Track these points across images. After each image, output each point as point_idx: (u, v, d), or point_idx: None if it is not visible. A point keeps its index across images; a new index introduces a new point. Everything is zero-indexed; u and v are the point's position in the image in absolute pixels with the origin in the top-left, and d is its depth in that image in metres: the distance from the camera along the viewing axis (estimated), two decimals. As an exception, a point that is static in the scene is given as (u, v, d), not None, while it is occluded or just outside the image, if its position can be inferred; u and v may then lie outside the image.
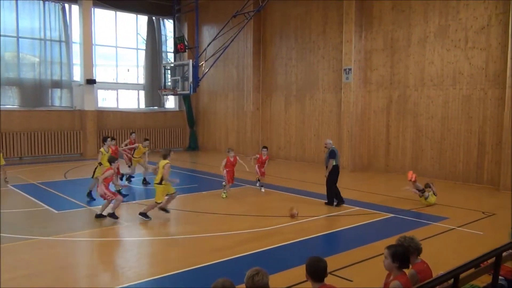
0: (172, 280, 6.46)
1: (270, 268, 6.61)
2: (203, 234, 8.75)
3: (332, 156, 11.07)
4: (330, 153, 11.08)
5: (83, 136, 22.03)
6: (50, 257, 7.45)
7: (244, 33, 20.80)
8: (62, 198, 11.70)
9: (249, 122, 21.89)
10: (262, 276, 3.67)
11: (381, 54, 16.74)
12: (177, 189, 14.02)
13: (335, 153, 11.13)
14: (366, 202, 11.52)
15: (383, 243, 7.91)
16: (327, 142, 11.44)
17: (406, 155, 16.24)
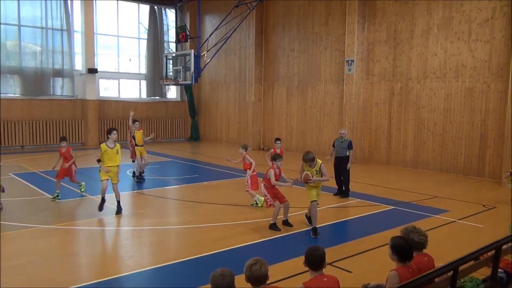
0: (172, 270, 6.50)
1: (271, 258, 6.63)
2: (203, 224, 8.78)
3: (352, 147, 11.24)
4: (350, 144, 11.19)
5: (84, 125, 22.04)
6: (50, 246, 7.49)
7: (246, 23, 20.70)
8: (63, 187, 11.70)
9: (251, 113, 21.86)
10: (260, 266, 3.69)
11: (384, 46, 16.64)
12: (177, 179, 14.12)
13: (352, 144, 11.35)
14: (367, 194, 11.53)
15: (382, 235, 7.96)
16: (344, 132, 11.40)
17: (407, 148, 16.22)
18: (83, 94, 21.97)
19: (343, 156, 11.22)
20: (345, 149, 11.19)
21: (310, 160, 8.14)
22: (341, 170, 11.25)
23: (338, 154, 11.31)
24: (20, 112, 20.44)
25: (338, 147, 11.31)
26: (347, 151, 11.19)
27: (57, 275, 6.18)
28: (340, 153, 11.28)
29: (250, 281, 3.70)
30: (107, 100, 23.10)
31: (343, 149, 11.22)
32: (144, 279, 6.24)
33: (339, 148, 11.29)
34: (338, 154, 11.32)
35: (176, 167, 16.74)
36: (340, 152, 11.27)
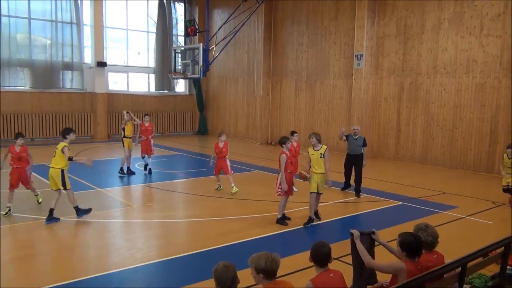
0: (180, 263, 6.53)
1: (278, 252, 6.65)
2: (211, 218, 8.82)
3: (366, 144, 11.02)
4: (365, 141, 10.98)
5: (93, 118, 22.15)
6: (59, 237, 7.56)
7: (255, 17, 20.64)
8: (72, 180, 11.78)
9: (259, 107, 21.83)
10: (276, 260, 3.68)
11: (393, 41, 16.51)
12: (185, 173, 14.17)
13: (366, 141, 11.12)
14: (375, 190, 11.48)
15: (390, 231, 7.92)
16: (357, 128, 11.14)
17: (416, 143, 16.12)
18: (92, 87, 22.07)
19: (358, 154, 10.89)
20: (360, 147, 10.88)
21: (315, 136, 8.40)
22: (356, 169, 10.93)
23: (352, 151, 10.99)
24: (30, 105, 20.58)
25: (352, 145, 10.98)
26: (362, 149, 10.89)
27: (65, 266, 6.24)
28: (354, 151, 10.95)
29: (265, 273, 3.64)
30: (116, 93, 23.18)
31: (358, 147, 10.90)
32: (152, 272, 6.28)
33: (353, 145, 10.96)
34: (352, 152, 11.01)
35: (184, 161, 16.79)
36: (355, 149, 10.95)
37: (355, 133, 10.99)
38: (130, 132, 13.12)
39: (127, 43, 23.87)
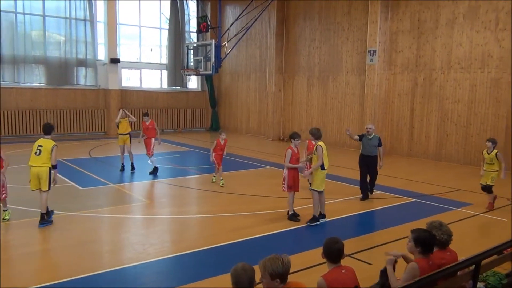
0: (192, 258, 6.58)
1: (290, 249, 6.67)
2: (222, 214, 8.85)
3: (381, 143, 10.29)
4: (380, 141, 10.23)
5: (107, 114, 22.34)
6: (73, 232, 7.66)
7: (267, 13, 20.59)
8: (87, 175, 11.96)
9: (271, 104, 21.80)
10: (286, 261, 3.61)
11: (407, 36, 16.34)
12: (197, 169, 14.23)
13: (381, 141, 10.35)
14: (388, 186, 11.41)
15: (403, 228, 7.89)
16: (371, 127, 10.24)
17: (430, 140, 15.97)
18: (105, 83, 22.26)
19: (373, 155, 10.15)
20: (375, 147, 10.12)
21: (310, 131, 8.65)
22: (370, 169, 10.24)
23: (367, 152, 10.18)
24: (45, 101, 20.83)
25: (367, 145, 10.19)
26: (377, 149, 10.17)
27: (79, 261, 6.32)
28: (369, 152, 10.16)
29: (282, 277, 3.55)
30: (129, 89, 23.35)
31: (373, 147, 10.13)
32: (165, 267, 6.34)
33: (368, 146, 10.17)
34: (366, 153, 10.20)
35: (196, 157, 16.86)
36: (369, 150, 10.16)
37: (368, 132, 10.17)
38: (124, 129, 13.00)
39: (140, 39, 24.00)
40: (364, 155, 10.25)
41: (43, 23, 20.59)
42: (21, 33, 19.85)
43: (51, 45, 21.01)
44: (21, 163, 9.35)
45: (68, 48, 21.13)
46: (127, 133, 13.00)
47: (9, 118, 19.56)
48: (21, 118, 20.07)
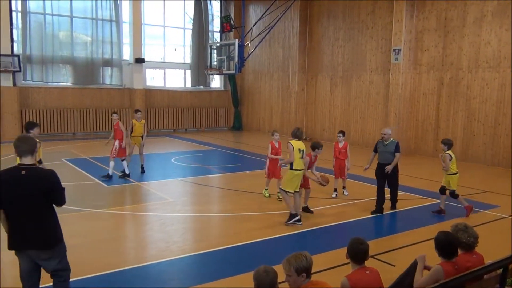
0: (214, 256, 6.62)
1: (312, 249, 6.64)
2: (245, 213, 8.87)
3: (399, 149, 8.97)
4: (398, 146, 8.95)
5: (131, 114, 22.64)
6: (99, 229, 7.81)
7: (290, 12, 20.52)
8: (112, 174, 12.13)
9: (294, 103, 21.75)
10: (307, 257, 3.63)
11: (433, 34, 16.05)
12: (220, 168, 14.31)
13: (399, 147, 9.04)
14: (412, 187, 11.24)
15: (428, 229, 7.76)
16: (386, 132, 9.04)
17: (456, 140, 15.60)
18: (130, 83, 22.59)
19: (391, 163, 8.91)
20: (392, 154, 8.91)
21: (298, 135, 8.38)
22: (389, 180, 9.06)
23: (383, 160, 8.99)
24: (71, 101, 21.29)
25: (383, 152, 9.00)
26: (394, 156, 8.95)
27: (103, 257, 6.44)
28: (386, 159, 8.95)
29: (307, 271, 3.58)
30: (153, 89, 23.64)
31: (389, 154, 8.91)
32: (187, 264, 6.40)
33: (384, 153, 8.98)
34: (383, 161, 9.00)
35: (219, 156, 16.96)
36: (385, 157, 8.95)
37: (383, 138, 9.00)
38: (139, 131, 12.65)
39: (164, 39, 24.27)
40: (380, 164, 9.02)
41: (71, 23, 21.03)
42: (49, 33, 20.34)
43: (78, 45, 21.45)
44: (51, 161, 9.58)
45: (95, 48, 21.53)
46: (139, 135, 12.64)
47: (37, 117, 20.05)
48: (49, 117, 20.56)
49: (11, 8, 19.22)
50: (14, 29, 19.62)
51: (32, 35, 19.97)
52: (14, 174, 4.10)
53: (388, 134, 9.00)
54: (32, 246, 4.20)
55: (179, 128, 24.29)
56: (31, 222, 4.13)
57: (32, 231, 4.15)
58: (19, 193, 4.05)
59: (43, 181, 4.16)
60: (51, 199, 4.22)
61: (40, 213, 4.17)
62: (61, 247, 4.40)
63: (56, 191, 4.25)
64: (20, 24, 19.69)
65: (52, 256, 4.29)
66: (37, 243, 4.19)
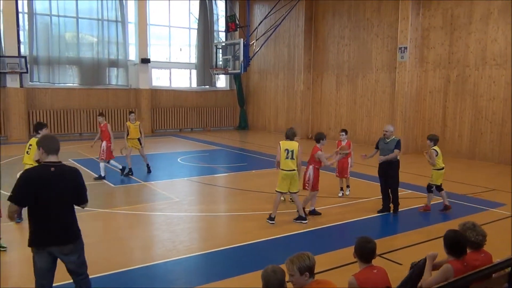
0: (221, 256, 6.64)
1: (317, 248, 6.64)
2: (251, 212, 8.88)
3: (399, 147, 8.71)
4: (399, 144, 8.71)
5: (138, 114, 22.70)
6: (105, 229, 7.84)
7: (295, 11, 20.50)
8: (118, 173, 12.19)
9: (299, 102, 21.72)
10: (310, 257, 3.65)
11: (439, 32, 15.96)
12: (226, 167, 14.33)
13: (400, 145, 8.82)
14: (419, 186, 11.18)
15: (435, 228, 7.73)
16: (388, 129, 8.82)
17: (463, 138, 15.56)
18: (136, 83, 22.66)
19: (392, 162, 8.76)
20: (392, 152, 8.71)
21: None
22: (388, 179, 8.86)
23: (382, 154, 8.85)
24: (78, 101, 21.39)
25: (383, 150, 8.82)
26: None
27: (111, 257, 6.47)
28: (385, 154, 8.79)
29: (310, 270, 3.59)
30: (159, 89, 23.70)
31: (390, 152, 8.71)
32: (194, 264, 6.42)
33: (385, 151, 8.78)
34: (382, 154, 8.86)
35: (225, 156, 16.98)
36: (386, 155, 8.78)
37: (385, 135, 8.82)
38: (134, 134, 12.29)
39: (169, 39, 24.32)
40: (381, 163, 8.85)
41: (77, 24, 21.12)
42: (55, 35, 20.44)
43: (84, 46, 21.54)
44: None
45: (100, 49, 21.61)
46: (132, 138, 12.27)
47: (44, 118, 20.16)
48: (55, 118, 20.68)
49: (17, 9, 19.33)
50: (21, 30, 19.73)
51: (38, 37, 20.08)
52: (44, 171, 4.27)
53: (390, 131, 8.83)
54: (56, 242, 4.33)
55: (185, 128, 24.35)
56: (57, 218, 4.29)
57: (57, 226, 4.30)
58: (49, 189, 4.21)
59: (71, 178, 4.39)
60: (76, 196, 4.41)
61: (65, 209, 4.36)
62: (81, 242, 4.56)
63: (81, 189, 4.47)
64: (27, 25, 19.80)
65: (73, 250, 4.43)
66: (61, 239, 4.34)
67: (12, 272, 6.15)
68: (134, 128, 12.22)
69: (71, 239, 4.42)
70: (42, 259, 4.35)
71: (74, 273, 4.55)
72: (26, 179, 4.23)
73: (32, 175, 4.29)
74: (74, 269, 4.50)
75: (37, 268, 4.38)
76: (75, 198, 4.43)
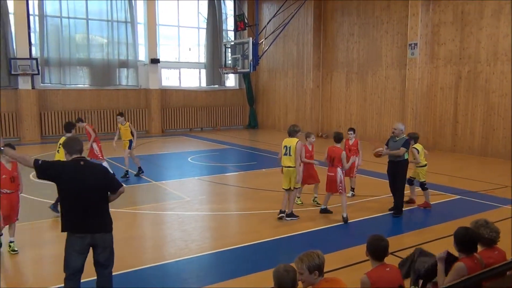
0: (233, 254, 6.66)
1: (327, 246, 6.63)
2: (262, 211, 8.89)
3: (406, 146, 8.41)
4: (406, 143, 8.42)
5: (148, 114, 22.88)
6: (117, 228, 7.81)
7: (304, 9, 20.45)
8: (129, 173, 12.27)
9: (309, 100, 21.67)
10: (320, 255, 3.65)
11: (450, 28, 15.82)
12: (236, 166, 14.36)
13: (409, 144, 8.56)
14: (430, 183, 11.06)
15: (447, 225, 7.67)
16: (397, 128, 8.53)
17: (475, 135, 15.41)
18: (146, 83, 22.79)
19: (398, 162, 8.44)
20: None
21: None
22: (396, 178, 8.58)
23: (391, 157, 8.60)
24: (89, 102, 21.57)
25: (392, 149, 8.52)
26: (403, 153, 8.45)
27: (124, 256, 6.51)
28: (393, 156, 8.53)
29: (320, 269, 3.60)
30: (169, 89, 23.80)
31: (394, 148, 8.49)
32: (206, 262, 6.45)
33: (394, 149, 8.49)
34: (391, 158, 8.62)
35: (235, 154, 17.01)
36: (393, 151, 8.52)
37: (394, 133, 8.56)
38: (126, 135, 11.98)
39: (178, 39, 24.40)
40: (389, 161, 8.64)
41: (87, 26, 21.29)
42: (66, 36, 20.63)
43: (94, 47, 21.70)
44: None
45: (110, 50, 21.76)
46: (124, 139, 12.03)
47: (56, 119, 20.38)
48: (67, 119, 20.82)
49: (28, 12, 19.53)
50: (32, 32, 19.94)
51: (49, 38, 20.27)
52: (75, 165, 4.54)
53: (399, 129, 8.51)
54: (89, 230, 4.50)
55: (195, 127, 24.43)
56: (90, 208, 4.49)
57: (90, 216, 4.50)
58: (81, 181, 4.44)
59: (99, 170, 4.70)
60: (109, 184, 4.67)
61: (98, 199, 4.57)
62: (111, 235, 4.73)
63: (111, 177, 4.80)
64: (38, 27, 20.01)
65: (106, 240, 4.62)
66: (93, 227, 4.53)
67: (24, 272, 6.24)
68: (124, 130, 12.00)
69: (102, 228, 4.61)
70: (75, 244, 4.49)
71: (100, 266, 4.67)
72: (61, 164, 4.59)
73: (65, 168, 4.52)
74: (101, 260, 4.63)
75: (69, 263, 4.51)
76: (109, 187, 4.66)
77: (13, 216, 6.61)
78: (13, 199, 6.58)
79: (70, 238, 4.53)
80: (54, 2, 20.21)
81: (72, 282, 4.55)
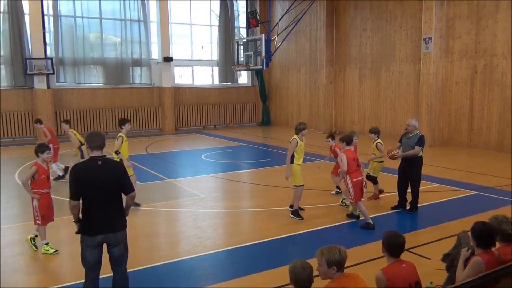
0: (247, 251, 6.68)
1: (344, 243, 6.59)
2: (275, 208, 8.89)
3: (421, 143, 8.22)
4: (420, 140, 8.22)
5: (161, 112, 23.01)
6: (132, 226, 7.92)
7: (316, 4, 20.34)
8: (144, 171, 12.39)
9: (322, 96, 21.57)
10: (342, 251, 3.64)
11: (465, 21, 15.58)
12: (249, 163, 14.37)
13: (423, 141, 8.37)
14: (446, 179, 10.99)
15: (464, 221, 7.58)
16: (411, 123, 8.35)
17: (491, 130, 15.18)
18: (159, 82, 22.92)
19: (412, 159, 8.32)
20: (413, 148, 8.24)
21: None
22: (410, 176, 8.44)
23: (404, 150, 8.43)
24: (103, 101, 21.77)
25: (405, 146, 8.37)
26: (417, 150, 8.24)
27: (138, 253, 6.57)
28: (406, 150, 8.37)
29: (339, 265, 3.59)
30: (182, 87, 23.90)
31: (411, 148, 8.26)
32: (220, 259, 6.48)
33: (406, 146, 8.33)
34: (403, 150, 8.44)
35: (248, 152, 17.02)
36: (407, 151, 8.34)
37: (407, 129, 8.38)
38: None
39: (191, 37, 24.46)
40: (403, 159, 8.49)
41: (100, 25, 21.48)
42: (80, 36, 20.85)
43: (108, 47, 21.89)
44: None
45: (124, 49, 21.92)
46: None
47: (70, 117, 20.59)
48: (82, 117, 21.11)
49: (43, 12, 19.77)
50: (47, 32, 20.18)
51: (63, 38, 20.51)
52: (92, 164, 4.58)
53: (412, 125, 8.30)
54: (103, 230, 4.58)
55: (208, 125, 24.51)
56: (107, 207, 4.58)
57: (105, 215, 4.58)
58: (98, 180, 4.50)
59: (117, 170, 4.68)
60: (121, 186, 4.66)
61: (113, 199, 4.62)
62: (126, 233, 4.79)
63: (126, 179, 4.73)
64: (52, 27, 20.25)
65: (121, 238, 4.69)
66: (108, 227, 4.60)
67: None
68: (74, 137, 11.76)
69: (120, 227, 4.69)
70: (94, 249, 4.59)
71: (116, 262, 4.74)
72: (75, 173, 4.54)
73: (81, 168, 4.59)
74: (117, 257, 4.70)
75: (87, 260, 4.62)
76: (122, 188, 4.67)
77: (51, 215, 6.81)
78: (50, 197, 6.80)
79: (85, 243, 4.63)
80: (68, 2, 20.43)
81: (92, 275, 4.68)
